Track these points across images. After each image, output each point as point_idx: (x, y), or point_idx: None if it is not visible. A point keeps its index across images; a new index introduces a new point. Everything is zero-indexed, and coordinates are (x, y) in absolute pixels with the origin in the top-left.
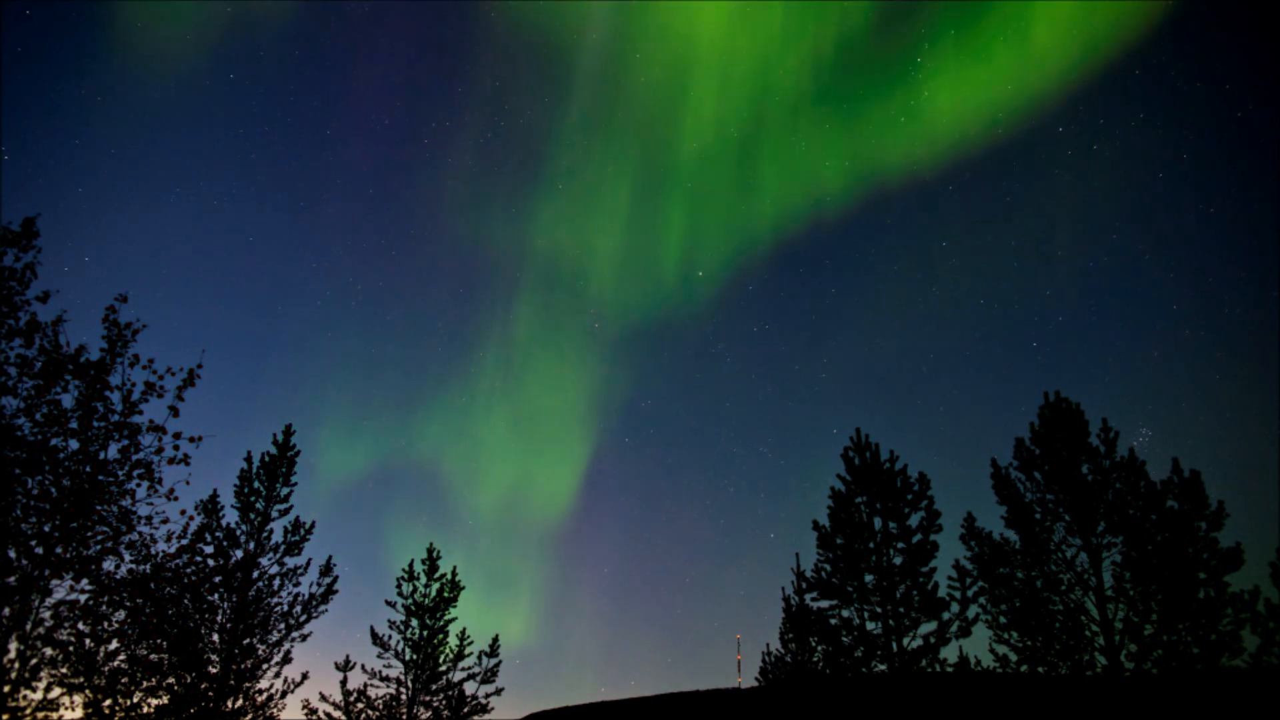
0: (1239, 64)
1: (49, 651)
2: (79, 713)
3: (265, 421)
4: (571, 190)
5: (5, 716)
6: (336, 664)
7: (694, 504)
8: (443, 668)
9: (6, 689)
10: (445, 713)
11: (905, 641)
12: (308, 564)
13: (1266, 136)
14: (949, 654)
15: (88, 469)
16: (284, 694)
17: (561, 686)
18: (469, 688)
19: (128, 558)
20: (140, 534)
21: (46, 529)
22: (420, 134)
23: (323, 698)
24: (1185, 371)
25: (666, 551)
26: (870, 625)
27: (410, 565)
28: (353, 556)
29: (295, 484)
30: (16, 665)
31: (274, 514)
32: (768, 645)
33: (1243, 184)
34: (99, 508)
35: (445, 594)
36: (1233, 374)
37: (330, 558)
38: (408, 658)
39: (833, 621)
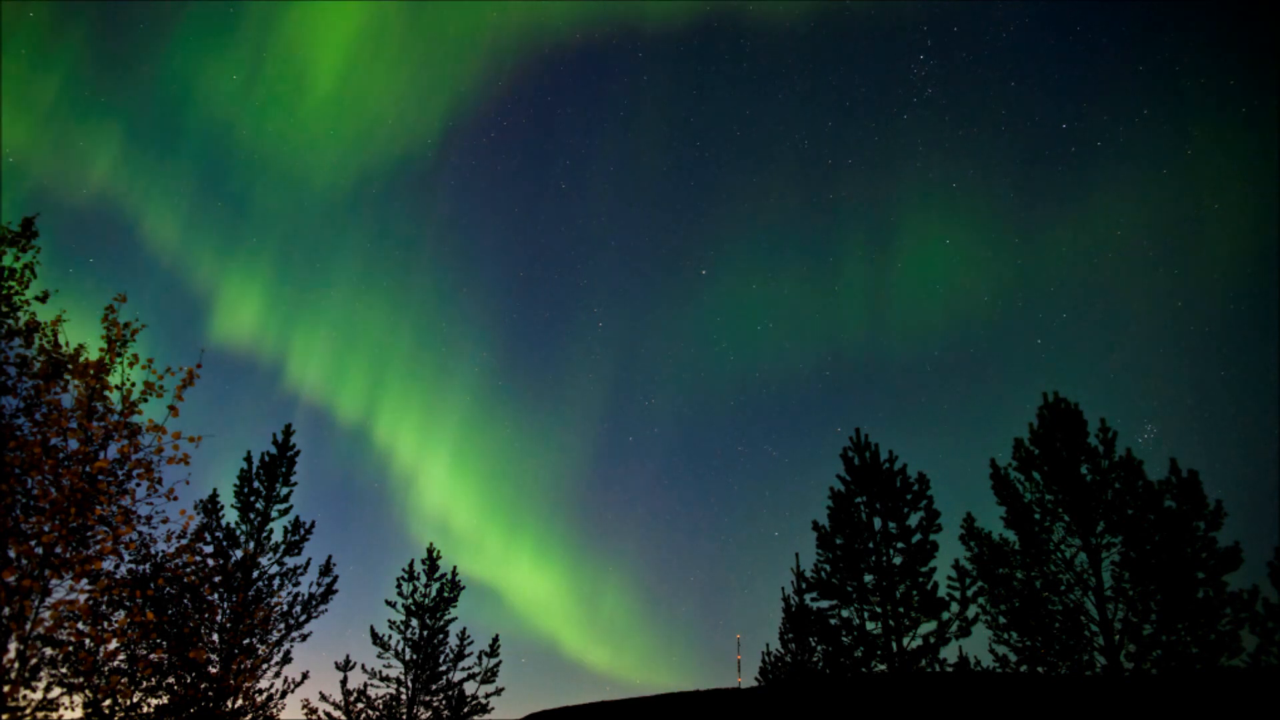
0: (1242, 59)
1: (49, 651)
2: (79, 713)
3: (265, 421)
4: (573, 188)
5: (5, 716)
6: (336, 664)
7: (696, 503)
8: (443, 668)
9: (6, 689)
10: (445, 713)
11: (905, 641)
12: (307, 564)
13: (1270, 131)
14: (949, 654)
15: (87, 469)
16: (284, 694)
17: (563, 686)
18: (469, 688)
19: (128, 558)
20: (140, 534)
21: (46, 529)
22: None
23: (323, 697)
24: (1187, 370)
25: (668, 550)
26: (870, 625)
27: (410, 565)
28: (353, 554)
29: (295, 484)
30: (16, 665)
31: (274, 514)
32: (767, 645)
33: (1247, 180)
34: (99, 507)
35: (445, 594)
36: (1234, 372)
37: (330, 558)
38: (408, 658)
39: (833, 621)
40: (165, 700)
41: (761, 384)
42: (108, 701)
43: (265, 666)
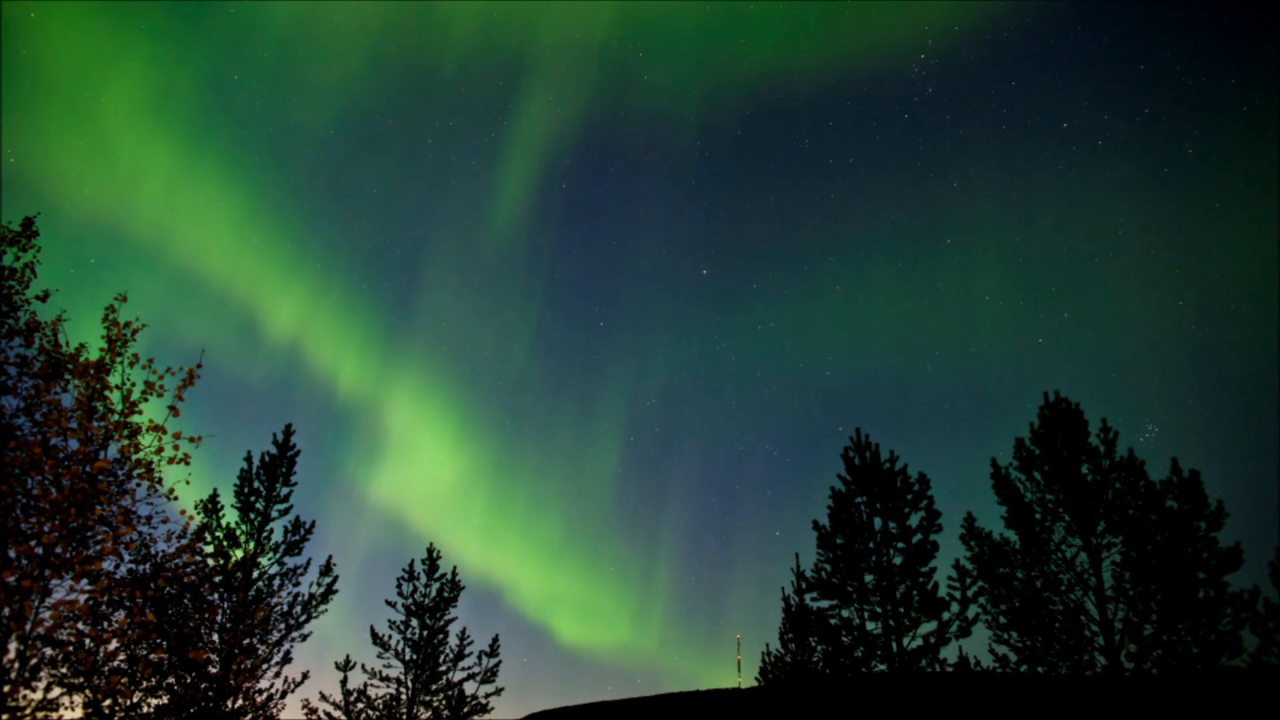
0: (1242, 59)
1: (49, 651)
2: (79, 713)
3: (265, 421)
4: (583, 190)
5: (5, 716)
6: (336, 664)
7: (697, 503)
8: (443, 668)
9: (6, 689)
10: (445, 713)
11: (905, 641)
12: (308, 564)
13: (1271, 131)
14: (949, 654)
15: (87, 469)
16: (284, 694)
17: (562, 686)
18: (469, 688)
19: (128, 558)
20: (140, 534)
21: (46, 529)
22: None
23: (323, 697)
24: (1188, 370)
25: (668, 550)
26: (870, 625)
27: (410, 565)
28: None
29: (295, 484)
30: (16, 665)
31: (274, 514)
32: (767, 645)
33: (1247, 180)
34: (99, 508)
35: (445, 594)
36: (1235, 372)
37: (330, 557)
38: (408, 658)
39: (833, 621)
40: (165, 700)
41: (761, 384)
42: (108, 701)
43: (265, 666)
